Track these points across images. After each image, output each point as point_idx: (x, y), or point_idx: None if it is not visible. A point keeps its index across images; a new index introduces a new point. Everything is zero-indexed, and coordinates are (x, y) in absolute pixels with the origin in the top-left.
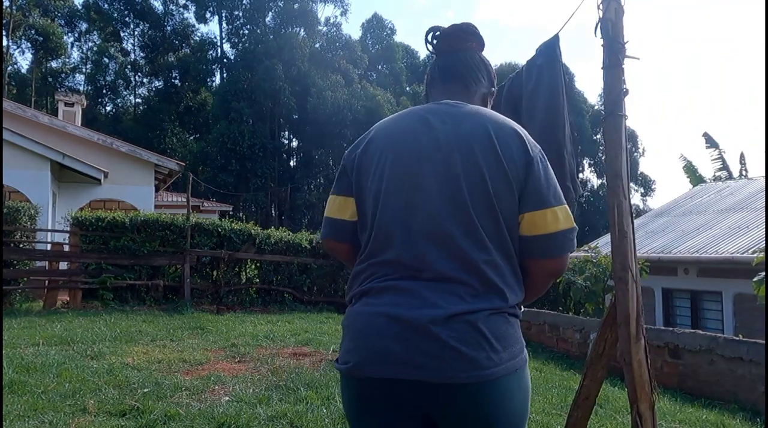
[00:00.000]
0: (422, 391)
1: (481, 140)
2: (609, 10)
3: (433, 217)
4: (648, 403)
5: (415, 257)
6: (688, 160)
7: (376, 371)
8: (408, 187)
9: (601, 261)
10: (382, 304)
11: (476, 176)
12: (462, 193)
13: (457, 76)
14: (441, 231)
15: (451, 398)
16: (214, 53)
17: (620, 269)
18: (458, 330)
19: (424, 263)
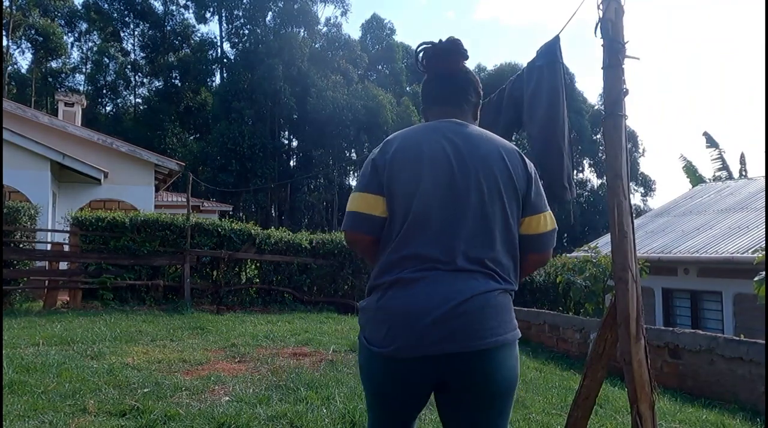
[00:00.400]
0: (448, 361)
1: (497, 161)
2: (609, 10)
3: (460, 221)
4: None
5: (443, 252)
6: (688, 160)
7: (414, 352)
8: (440, 195)
9: (601, 261)
10: (414, 294)
11: (495, 190)
12: (485, 204)
13: (452, 100)
14: (465, 233)
15: (470, 363)
16: (214, 53)
17: (620, 269)
18: (476, 306)
19: (449, 257)
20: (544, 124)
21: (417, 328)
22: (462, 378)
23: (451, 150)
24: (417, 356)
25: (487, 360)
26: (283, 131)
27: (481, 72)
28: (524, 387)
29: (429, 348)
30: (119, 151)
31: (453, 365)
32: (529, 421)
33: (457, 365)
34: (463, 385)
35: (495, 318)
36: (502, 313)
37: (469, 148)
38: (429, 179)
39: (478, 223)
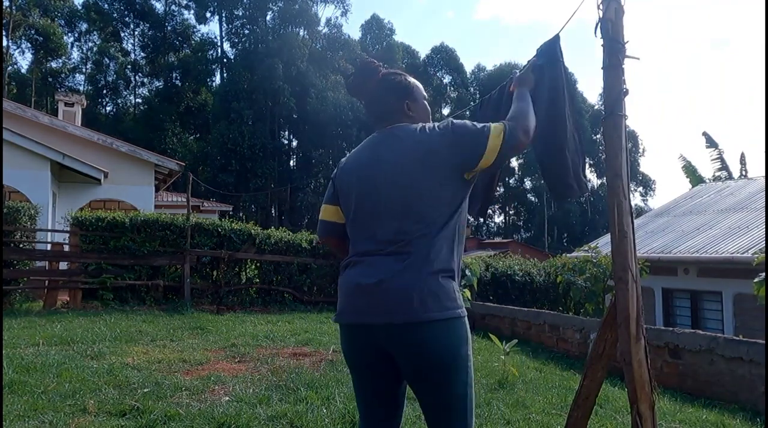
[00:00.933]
0: (376, 332)
1: (409, 153)
2: (609, 10)
3: (379, 217)
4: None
5: (373, 244)
6: (687, 160)
7: (349, 319)
8: (364, 199)
9: (601, 261)
10: (353, 274)
11: (409, 180)
12: (402, 196)
13: (380, 116)
14: (384, 225)
15: (394, 336)
16: (214, 53)
17: (620, 269)
18: (397, 287)
19: (377, 247)
20: (545, 124)
21: (350, 301)
22: (393, 348)
23: (372, 159)
24: (350, 323)
25: (409, 333)
26: (283, 131)
27: (480, 72)
28: (524, 387)
29: (358, 317)
30: (119, 151)
31: (381, 335)
32: (529, 421)
33: (383, 335)
34: (397, 355)
35: (422, 300)
36: (426, 296)
37: (385, 152)
38: (356, 188)
39: (396, 215)
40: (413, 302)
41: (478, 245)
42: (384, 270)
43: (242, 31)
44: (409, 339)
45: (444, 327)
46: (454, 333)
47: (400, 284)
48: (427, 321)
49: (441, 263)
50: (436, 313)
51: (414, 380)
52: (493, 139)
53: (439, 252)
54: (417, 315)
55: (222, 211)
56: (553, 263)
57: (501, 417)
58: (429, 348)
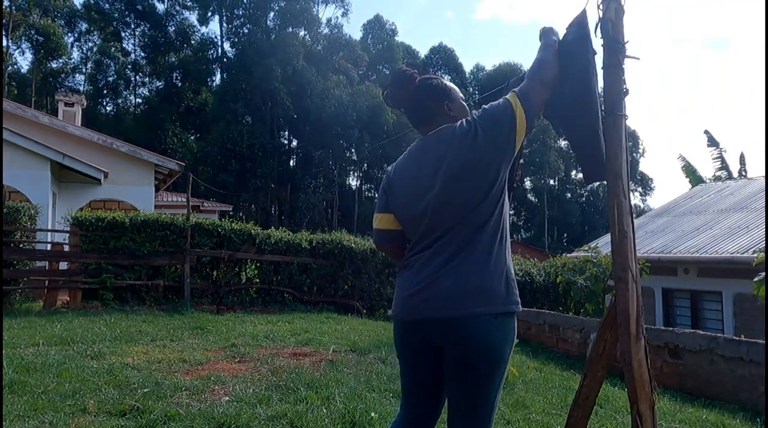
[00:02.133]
0: (427, 327)
1: (443, 156)
2: (609, 10)
3: (423, 220)
4: (648, 403)
5: (424, 247)
6: (687, 160)
7: (402, 316)
8: (411, 206)
9: (601, 261)
10: (408, 275)
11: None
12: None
13: (421, 121)
14: (429, 230)
15: (444, 331)
16: (215, 53)
17: (620, 269)
18: (447, 284)
19: (430, 246)
20: (575, 103)
21: (403, 299)
22: (443, 342)
23: (420, 164)
24: (404, 320)
25: (458, 327)
26: (283, 131)
27: (480, 72)
28: (524, 387)
29: (412, 314)
30: (119, 151)
31: (431, 329)
32: (529, 421)
33: (433, 330)
34: (446, 348)
35: (466, 293)
36: (476, 292)
37: (432, 156)
38: (408, 194)
39: (445, 216)
40: (462, 298)
41: None
42: (435, 269)
43: (242, 30)
44: (458, 333)
45: (492, 323)
46: (501, 330)
47: (450, 281)
48: (473, 315)
49: (490, 259)
50: (482, 308)
51: (454, 376)
52: (518, 113)
53: (486, 248)
54: (465, 311)
55: (222, 211)
56: (553, 263)
57: (501, 417)
58: (475, 342)
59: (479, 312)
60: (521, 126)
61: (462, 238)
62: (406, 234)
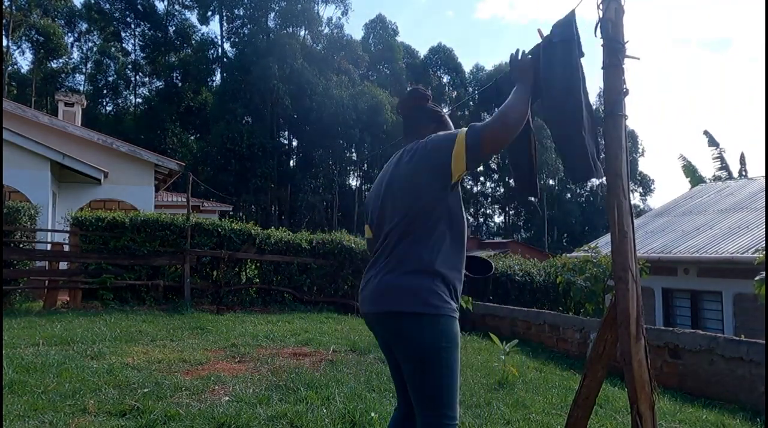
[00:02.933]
0: (371, 320)
1: (407, 165)
2: (609, 10)
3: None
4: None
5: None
6: (687, 160)
7: (361, 309)
8: (376, 215)
9: (601, 261)
10: (366, 273)
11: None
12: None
13: (410, 132)
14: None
15: (380, 323)
16: (215, 53)
17: (620, 269)
18: (381, 283)
19: (378, 248)
20: (559, 104)
21: (359, 293)
22: (382, 334)
23: (384, 176)
24: (362, 312)
25: (390, 321)
26: (283, 131)
27: (480, 71)
28: (524, 387)
29: (363, 307)
30: (119, 151)
31: (374, 321)
32: (529, 421)
33: (375, 322)
34: (388, 341)
35: (393, 294)
36: (394, 291)
37: (394, 168)
38: (370, 205)
39: (389, 217)
40: (390, 295)
41: (478, 245)
42: (377, 269)
43: (242, 30)
44: (389, 327)
45: (416, 321)
46: (424, 327)
47: (384, 280)
48: (398, 312)
49: (421, 263)
50: (408, 307)
51: (402, 368)
52: (457, 145)
53: (420, 253)
54: (392, 307)
55: (222, 211)
56: (553, 263)
57: (501, 417)
58: (402, 337)
59: (404, 310)
60: (458, 160)
61: (399, 244)
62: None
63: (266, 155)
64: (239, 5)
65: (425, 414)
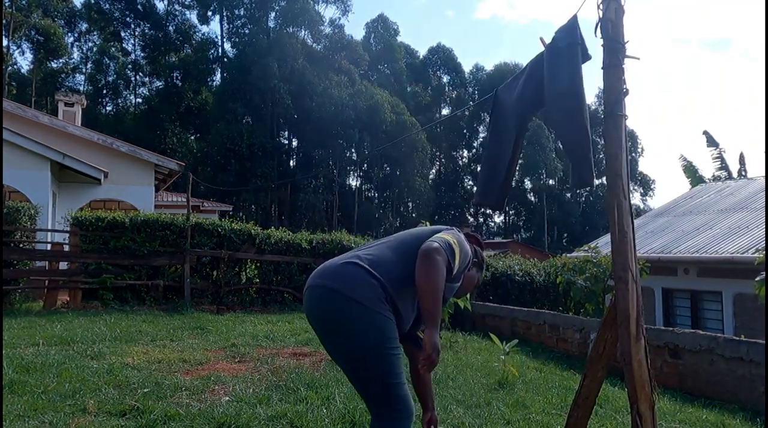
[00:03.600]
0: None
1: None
2: (609, 10)
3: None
4: (648, 403)
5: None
6: (687, 161)
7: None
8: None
9: (601, 261)
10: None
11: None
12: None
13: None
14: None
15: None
16: (215, 53)
17: (620, 269)
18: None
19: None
20: (568, 109)
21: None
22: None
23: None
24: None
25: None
26: (283, 131)
27: (479, 71)
28: (524, 387)
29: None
30: (119, 151)
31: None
32: (529, 421)
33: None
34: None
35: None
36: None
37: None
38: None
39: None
40: (328, 275)
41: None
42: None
43: (243, 30)
44: (319, 298)
45: (348, 303)
46: (356, 313)
47: (329, 265)
48: (331, 288)
49: (374, 267)
50: (351, 293)
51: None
52: (437, 235)
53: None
54: (328, 282)
55: (222, 211)
56: (553, 263)
57: (501, 417)
58: (331, 314)
59: (336, 288)
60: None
61: (374, 256)
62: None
63: (266, 155)
64: (240, 5)
65: (375, 410)
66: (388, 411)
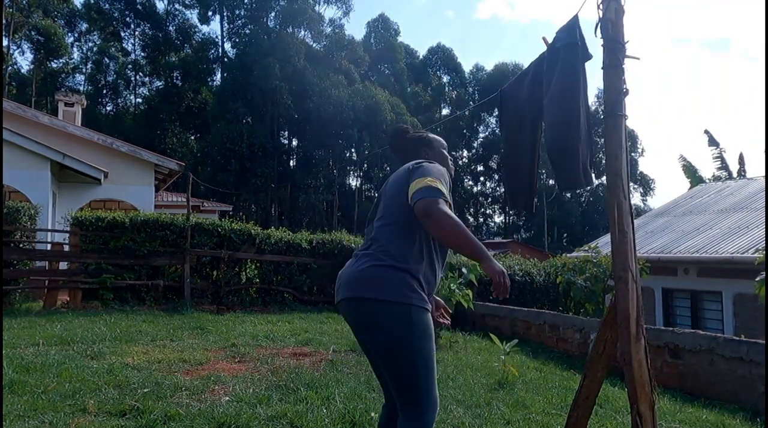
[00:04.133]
0: (346, 305)
1: (394, 181)
2: (609, 10)
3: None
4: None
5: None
6: (687, 161)
7: (336, 297)
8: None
9: (601, 261)
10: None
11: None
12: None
13: (403, 163)
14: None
15: (346, 310)
16: (215, 53)
17: (620, 269)
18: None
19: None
20: (557, 109)
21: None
22: (353, 323)
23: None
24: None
25: (351, 308)
26: (283, 131)
27: (480, 71)
28: (524, 387)
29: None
30: (119, 151)
31: (343, 311)
32: (529, 421)
33: (347, 310)
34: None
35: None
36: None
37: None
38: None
39: (375, 223)
40: (362, 283)
41: None
42: (350, 263)
43: (243, 30)
44: (360, 314)
45: (378, 307)
46: (393, 315)
47: (357, 270)
48: (369, 299)
49: (390, 256)
50: (378, 294)
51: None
52: (409, 189)
53: (389, 245)
54: (364, 294)
55: (222, 211)
56: (553, 263)
57: (501, 417)
58: (372, 324)
59: (365, 296)
60: (411, 189)
61: (375, 239)
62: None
63: (266, 155)
64: (240, 5)
65: (403, 403)
66: (416, 406)
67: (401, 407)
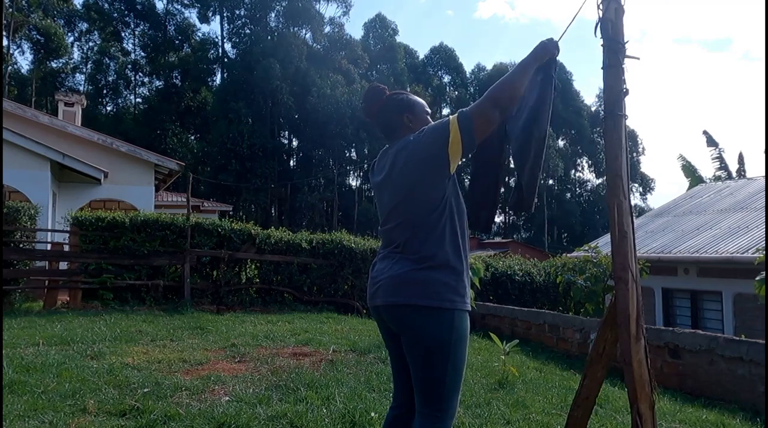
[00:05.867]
0: (380, 312)
1: (399, 160)
2: (609, 10)
3: (385, 221)
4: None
5: (384, 242)
6: (687, 161)
7: (369, 303)
8: (379, 207)
9: (601, 261)
10: (374, 268)
11: (399, 183)
12: (394, 198)
13: (386, 132)
14: (388, 228)
15: (388, 315)
16: (215, 53)
17: (620, 269)
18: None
19: (386, 244)
20: (522, 138)
21: (369, 285)
22: (391, 326)
23: (380, 171)
24: (371, 306)
25: (394, 314)
26: (283, 131)
27: (480, 71)
28: (524, 387)
29: (371, 300)
30: (119, 151)
31: (383, 314)
32: (529, 421)
33: (384, 315)
34: (396, 332)
35: (408, 287)
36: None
37: (387, 165)
38: (377, 196)
39: (392, 217)
40: (398, 287)
41: (478, 245)
42: (388, 264)
43: (243, 30)
44: (396, 319)
45: (430, 314)
46: (437, 321)
47: (398, 274)
48: (413, 305)
49: (434, 258)
50: (423, 300)
51: (407, 359)
52: (452, 133)
53: (430, 248)
54: (408, 300)
55: (222, 210)
56: (553, 263)
57: (501, 417)
58: (415, 330)
59: (410, 303)
60: (455, 144)
61: (408, 241)
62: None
63: (266, 155)
64: (240, 5)
65: (425, 407)
66: (438, 412)
67: (421, 410)
